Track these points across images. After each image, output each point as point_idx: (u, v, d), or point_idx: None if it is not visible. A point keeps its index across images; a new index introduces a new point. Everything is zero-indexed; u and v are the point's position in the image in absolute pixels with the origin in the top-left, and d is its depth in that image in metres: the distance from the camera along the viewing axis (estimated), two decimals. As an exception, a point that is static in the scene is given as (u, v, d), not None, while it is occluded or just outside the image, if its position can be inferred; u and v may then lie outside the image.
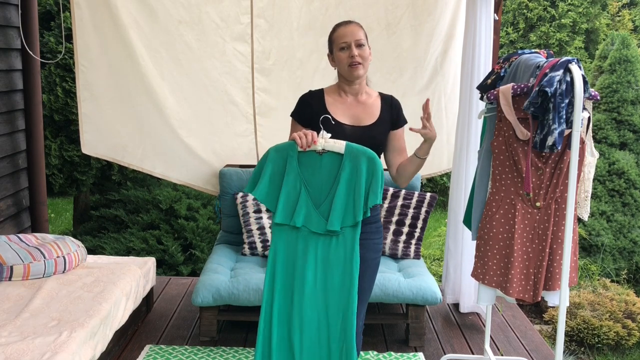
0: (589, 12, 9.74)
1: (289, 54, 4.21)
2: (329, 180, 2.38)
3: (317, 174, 2.38)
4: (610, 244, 5.87)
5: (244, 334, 3.75)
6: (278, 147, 2.39)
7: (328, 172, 2.38)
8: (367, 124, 2.58)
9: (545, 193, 2.70)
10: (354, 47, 2.49)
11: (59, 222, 8.10)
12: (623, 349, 4.64)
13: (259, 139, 4.42)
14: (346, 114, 2.58)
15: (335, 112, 2.57)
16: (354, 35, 2.49)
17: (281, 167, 2.38)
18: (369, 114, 2.60)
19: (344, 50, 2.51)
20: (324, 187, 2.39)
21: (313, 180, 2.38)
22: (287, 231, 2.41)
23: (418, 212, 4.01)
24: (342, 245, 2.39)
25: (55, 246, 3.41)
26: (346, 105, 2.60)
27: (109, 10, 3.91)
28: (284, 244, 2.42)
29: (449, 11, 4.17)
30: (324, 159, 2.37)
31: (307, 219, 2.38)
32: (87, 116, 4.13)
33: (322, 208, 2.39)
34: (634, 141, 6.21)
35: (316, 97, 2.62)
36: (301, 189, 2.38)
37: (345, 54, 2.50)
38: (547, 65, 2.52)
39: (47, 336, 2.62)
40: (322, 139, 2.36)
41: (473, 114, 3.74)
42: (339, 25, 2.56)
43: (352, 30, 2.51)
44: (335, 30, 2.57)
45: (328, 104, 2.60)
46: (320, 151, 2.36)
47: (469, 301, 4.03)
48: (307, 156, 2.37)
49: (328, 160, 2.37)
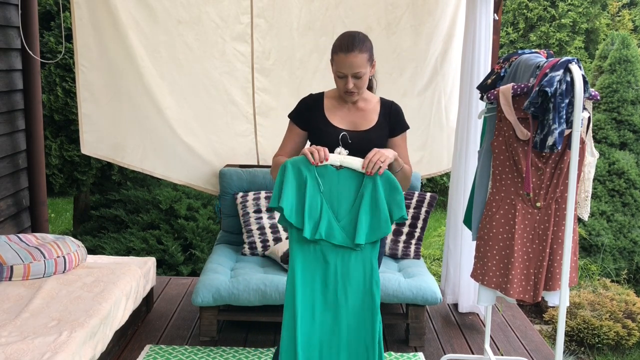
0: (589, 12, 9.74)
1: (289, 54, 4.21)
2: (349, 195, 2.39)
3: (335, 187, 2.39)
4: (610, 244, 5.87)
5: (244, 334, 3.75)
6: (294, 160, 2.38)
7: (347, 187, 2.39)
8: (365, 129, 2.58)
9: (546, 193, 2.70)
10: (350, 78, 2.45)
11: (59, 222, 8.10)
12: (623, 349, 4.64)
13: (259, 139, 4.42)
14: (344, 120, 2.59)
15: (332, 118, 2.58)
16: (352, 69, 2.43)
17: (301, 181, 2.38)
18: (367, 119, 2.59)
19: (341, 79, 2.48)
20: (343, 201, 2.39)
21: (332, 193, 2.40)
22: (306, 246, 2.41)
23: (418, 212, 4.01)
24: (361, 261, 2.41)
25: (55, 246, 3.41)
26: (344, 112, 2.60)
27: (109, 10, 3.91)
28: (302, 259, 2.41)
29: (449, 11, 4.17)
30: (341, 174, 2.39)
31: (328, 231, 2.39)
32: (87, 116, 4.13)
33: (343, 222, 2.40)
34: (634, 141, 6.21)
35: (315, 102, 2.62)
36: (322, 203, 2.39)
37: (342, 82, 2.48)
38: (547, 65, 2.52)
39: (47, 336, 2.61)
40: (341, 155, 2.40)
41: (473, 114, 3.74)
42: (341, 48, 2.44)
43: (351, 63, 2.42)
44: (336, 52, 2.45)
45: (326, 109, 2.59)
46: (338, 166, 2.39)
47: (467, 301, 4.03)
48: (323, 170, 2.39)
49: (345, 175, 2.39)
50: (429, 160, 4.47)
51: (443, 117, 4.38)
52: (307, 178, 2.36)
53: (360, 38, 2.46)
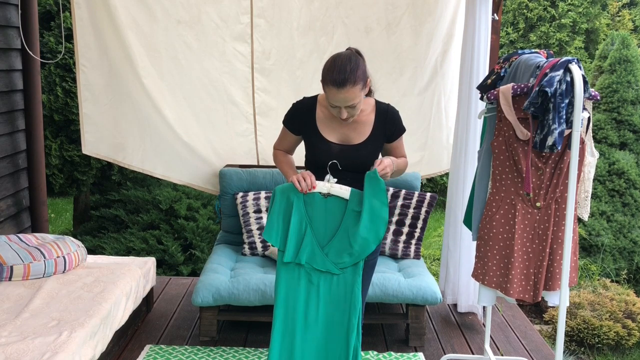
0: (589, 12, 9.74)
1: (289, 54, 4.21)
2: (334, 223, 2.47)
3: (322, 214, 2.47)
4: (610, 244, 5.87)
5: (244, 334, 3.75)
6: (283, 187, 2.47)
7: (333, 214, 2.46)
8: (355, 144, 2.55)
9: (546, 193, 2.70)
10: (343, 109, 2.42)
11: (59, 222, 8.10)
12: (623, 349, 4.64)
13: (259, 139, 4.42)
14: (335, 132, 2.55)
15: (324, 129, 2.55)
16: (346, 102, 2.38)
17: (288, 207, 2.47)
18: (359, 132, 2.55)
19: (334, 108, 2.45)
20: (328, 229, 2.47)
21: (317, 220, 2.47)
22: (291, 268, 2.50)
23: (418, 212, 4.01)
24: (343, 283, 2.49)
25: (55, 246, 3.41)
26: (336, 123, 2.55)
27: (108, 10, 3.91)
28: (286, 281, 2.51)
29: (449, 11, 4.16)
30: (328, 202, 2.46)
31: (311, 257, 2.47)
32: (88, 116, 4.13)
33: (326, 249, 2.47)
34: (634, 141, 6.21)
35: (307, 109, 2.58)
36: (306, 229, 2.46)
37: (335, 110, 2.45)
38: (547, 65, 2.52)
39: (47, 336, 2.61)
40: (329, 183, 2.45)
41: (472, 114, 3.74)
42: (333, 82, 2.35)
43: (344, 98, 2.36)
44: (327, 84, 2.37)
45: (318, 120, 2.56)
46: (325, 194, 2.44)
47: (466, 301, 4.03)
48: (312, 197, 2.46)
49: (333, 204, 2.46)
50: (429, 161, 4.47)
51: (443, 117, 4.38)
52: (293, 204, 2.45)
53: (352, 68, 2.35)
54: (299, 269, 2.49)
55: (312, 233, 2.46)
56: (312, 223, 2.46)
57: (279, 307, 2.51)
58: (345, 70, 2.34)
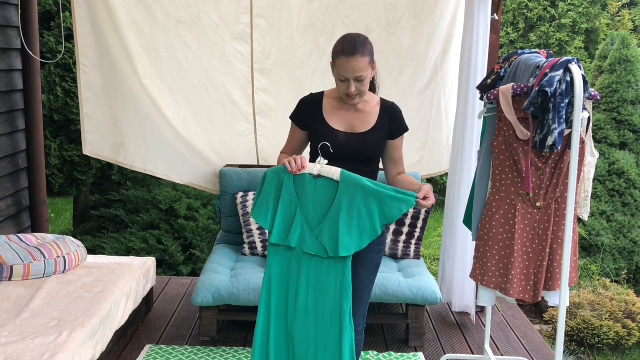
0: (589, 12, 9.74)
1: (289, 54, 4.21)
2: (324, 205, 2.43)
3: (312, 196, 2.44)
4: (610, 244, 5.87)
5: (244, 334, 3.75)
6: (274, 169, 2.46)
7: (323, 195, 2.43)
8: (361, 132, 2.58)
9: (546, 193, 2.70)
10: (352, 82, 2.45)
11: (59, 222, 8.10)
12: (623, 349, 4.64)
13: (259, 139, 4.42)
14: (342, 120, 2.59)
15: (330, 118, 2.58)
16: (354, 72, 2.43)
17: (277, 188, 2.45)
18: (365, 121, 2.59)
19: (343, 82, 2.48)
20: (318, 210, 2.44)
21: (308, 202, 2.44)
22: (282, 251, 2.48)
23: (418, 212, 4.01)
24: (334, 270, 2.44)
25: (55, 246, 3.41)
26: (343, 113, 2.60)
27: (109, 9, 3.90)
28: (278, 263, 2.49)
29: (449, 11, 4.16)
30: (318, 183, 2.43)
31: (301, 239, 2.44)
32: (89, 117, 4.13)
33: (317, 230, 2.44)
34: (634, 141, 6.21)
35: (315, 102, 2.62)
36: (296, 210, 2.44)
37: (344, 85, 2.48)
38: (547, 65, 2.52)
39: (47, 336, 2.62)
40: (319, 164, 2.42)
41: (470, 114, 3.74)
42: (342, 52, 2.43)
43: (353, 67, 2.41)
44: (338, 55, 2.44)
45: (325, 110, 2.60)
46: (316, 175, 2.42)
47: (461, 300, 4.01)
48: (302, 178, 2.43)
49: (323, 185, 2.43)
50: (429, 161, 4.47)
51: (443, 117, 4.38)
52: (283, 185, 2.43)
53: (362, 41, 2.45)
54: (290, 253, 2.46)
55: (302, 215, 2.43)
56: (301, 204, 2.44)
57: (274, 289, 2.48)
58: (355, 42, 2.44)
